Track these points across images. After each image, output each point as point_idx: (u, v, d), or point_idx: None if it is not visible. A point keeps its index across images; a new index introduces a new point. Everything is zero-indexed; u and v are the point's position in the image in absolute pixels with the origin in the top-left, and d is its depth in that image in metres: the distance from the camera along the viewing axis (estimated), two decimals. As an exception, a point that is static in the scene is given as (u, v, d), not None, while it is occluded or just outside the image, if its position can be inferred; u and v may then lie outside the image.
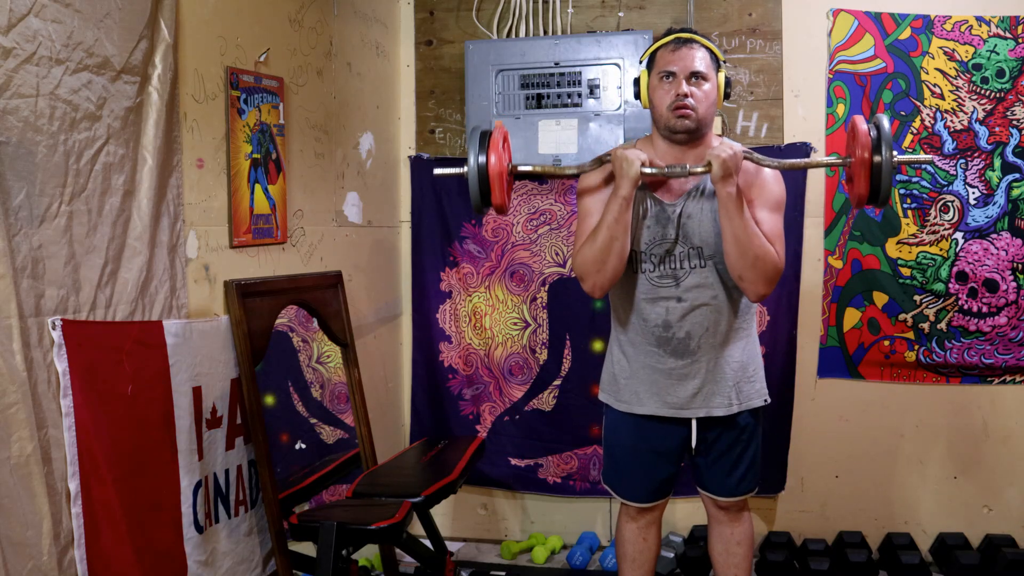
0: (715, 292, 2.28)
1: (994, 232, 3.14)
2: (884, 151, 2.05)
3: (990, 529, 3.24)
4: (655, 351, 2.32)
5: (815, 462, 3.34)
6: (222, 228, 2.43)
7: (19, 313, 1.73)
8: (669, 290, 2.28)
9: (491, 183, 2.19)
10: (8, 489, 1.71)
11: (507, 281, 3.49)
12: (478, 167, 2.19)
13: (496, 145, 2.20)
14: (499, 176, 2.19)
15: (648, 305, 2.30)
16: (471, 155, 2.19)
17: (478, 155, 2.19)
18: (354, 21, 3.21)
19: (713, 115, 2.29)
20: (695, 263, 2.27)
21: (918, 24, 3.14)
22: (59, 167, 1.84)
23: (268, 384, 2.63)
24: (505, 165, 2.24)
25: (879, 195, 2.09)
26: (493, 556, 3.49)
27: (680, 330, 2.29)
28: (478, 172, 2.19)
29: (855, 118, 2.16)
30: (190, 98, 2.28)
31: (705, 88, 2.22)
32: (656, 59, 2.27)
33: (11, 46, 1.71)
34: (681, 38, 2.25)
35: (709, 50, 2.26)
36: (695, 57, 2.22)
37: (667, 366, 2.31)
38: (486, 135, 2.22)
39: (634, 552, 2.49)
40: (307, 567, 2.52)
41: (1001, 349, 3.17)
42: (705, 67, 2.22)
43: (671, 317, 2.29)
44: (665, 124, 2.25)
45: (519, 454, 3.52)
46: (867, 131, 2.09)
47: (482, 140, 2.21)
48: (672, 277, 2.28)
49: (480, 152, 2.20)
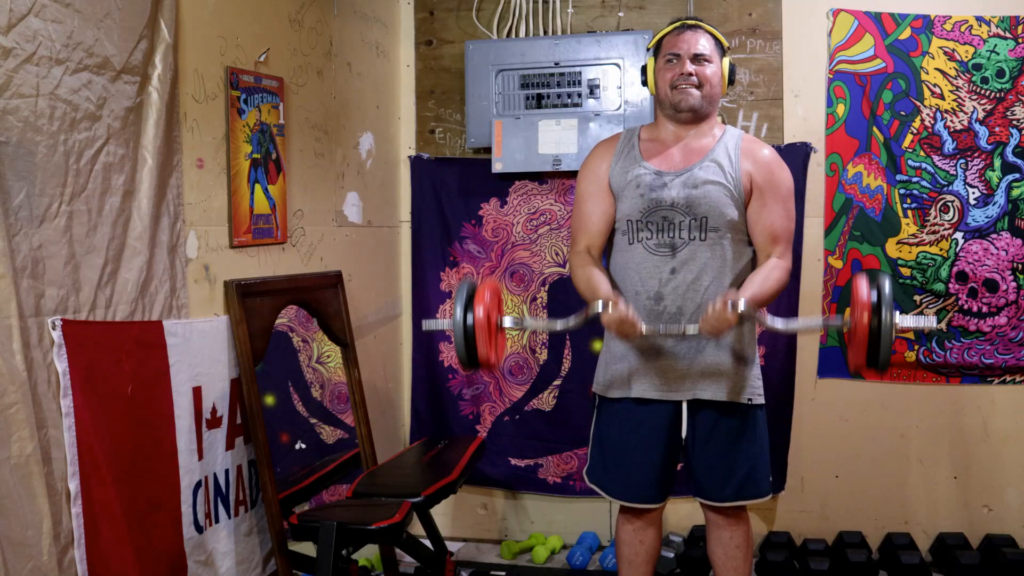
0: (711, 269, 2.28)
1: (994, 232, 3.14)
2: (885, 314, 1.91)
3: (990, 529, 3.24)
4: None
5: (815, 462, 3.34)
6: (222, 228, 2.43)
7: (19, 313, 1.73)
8: (665, 260, 2.28)
9: (477, 341, 2.07)
10: (8, 489, 1.71)
11: (507, 281, 3.49)
12: (464, 325, 2.06)
13: (482, 299, 2.08)
14: (485, 332, 2.08)
15: (642, 274, 2.30)
16: (457, 309, 2.07)
17: (464, 311, 2.06)
18: (354, 21, 3.21)
19: (718, 97, 2.35)
20: (695, 235, 2.27)
21: (918, 24, 3.14)
22: (59, 167, 1.84)
23: (268, 384, 2.63)
24: (493, 320, 2.12)
25: (878, 361, 1.96)
26: (493, 556, 3.49)
27: (672, 304, 2.28)
28: (464, 331, 2.06)
29: (857, 279, 2.01)
30: (190, 98, 2.28)
31: (709, 69, 2.30)
32: (662, 44, 2.37)
33: (11, 46, 1.71)
34: (686, 24, 2.35)
35: (714, 36, 2.34)
36: (699, 40, 2.31)
37: (657, 344, 2.30)
38: (472, 289, 2.11)
39: (631, 554, 2.47)
40: (307, 567, 2.52)
41: (1001, 349, 3.17)
42: (709, 51, 2.31)
43: (664, 289, 2.28)
44: (669, 102, 2.33)
45: (519, 454, 3.52)
46: (867, 294, 1.96)
47: (468, 295, 2.10)
48: (669, 247, 2.29)
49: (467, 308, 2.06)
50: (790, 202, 2.35)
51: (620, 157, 2.39)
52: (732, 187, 2.29)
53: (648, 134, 2.41)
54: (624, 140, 2.43)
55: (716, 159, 2.31)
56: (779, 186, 2.33)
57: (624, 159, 2.38)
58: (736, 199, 2.30)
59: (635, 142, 2.40)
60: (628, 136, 2.44)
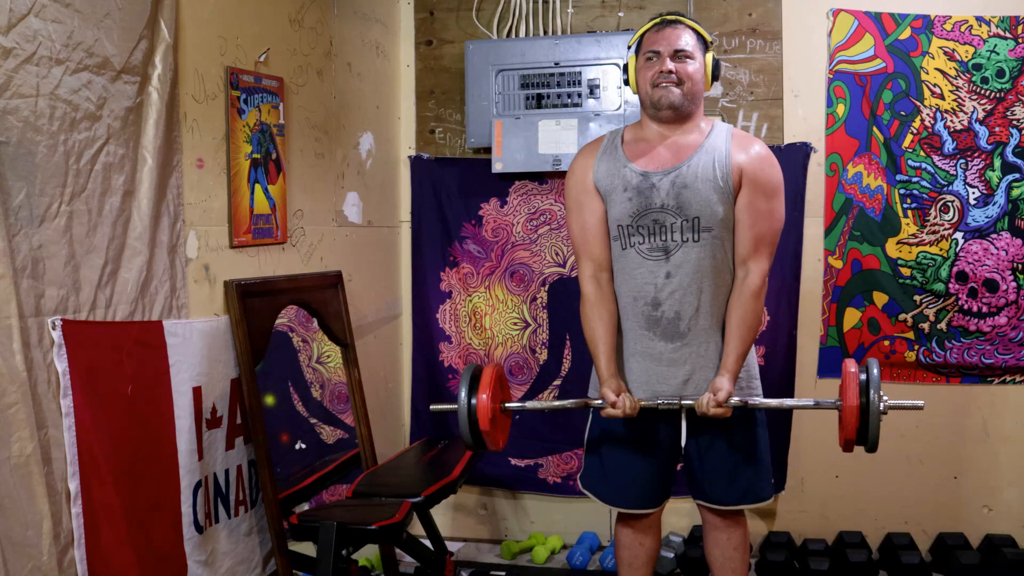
0: (706, 271, 2.24)
1: (994, 232, 3.14)
2: (873, 396, 2.05)
3: (990, 529, 3.24)
4: (645, 334, 2.28)
5: (815, 462, 3.34)
6: (222, 228, 2.43)
7: (19, 313, 1.73)
8: (659, 264, 2.24)
9: (480, 424, 2.12)
10: (8, 489, 1.71)
11: (507, 281, 3.49)
12: (468, 409, 2.12)
13: (487, 385, 2.13)
14: (487, 416, 2.13)
15: (638, 280, 2.27)
16: (461, 393, 2.13)
17: (469, 396, 2.12)
18: (354, 21, 3.21)
19: (700, 93, 2.29)
20: (688, 236, 2.22)
21: (918, 24, 3.14)
22: (59, 167, 1.84)
23: (268, 384, 2.63)
24: (496, 405, 2.17)
25: (867, 440, 2.11)
26: (493, 556, 3.49)
27: (669, 309, 2.25)
28: (468, 415, 2.12)
29: (846, 363, 2.15)
30: (190, 98, 2.28)
31: (691, 66, 2.24)
32: (642, 42, 2.31)
33: (11, 46, 1.71)
34: (666, 19, 2.29)
35: (696, 32, 2.28)
36: (679, 36, 2.25)
37: (656, 351, 2.27)
38: (478, 373, 2.17)
39: (630, 557, 2.46)
40: (307, 567, 2.52)
41: (1001, 349, 3.17)
42: (691, 47, 2.25)
43: (660, 294, 2.25)
44: (650, 101, 2.27)
45: (519, 454, 3.52)
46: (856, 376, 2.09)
47: (473, 379, 2.14)
48: (662, 250, 2.24)
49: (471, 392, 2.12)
50: (777, 201, 2.27)
51: (604, 158, 2.33)
52: (722, 184, 2.22)
53: (632, 134, 2.34)
54: (607, 142, 2.36)
55: (704, 156, 2.24)
56: (767, 183, 2.24)
57: (608, 160, 2.32)
58: (727, 196, 2.23)
59: (618, 143, 2.33)
60: (611, 137, 2.37)
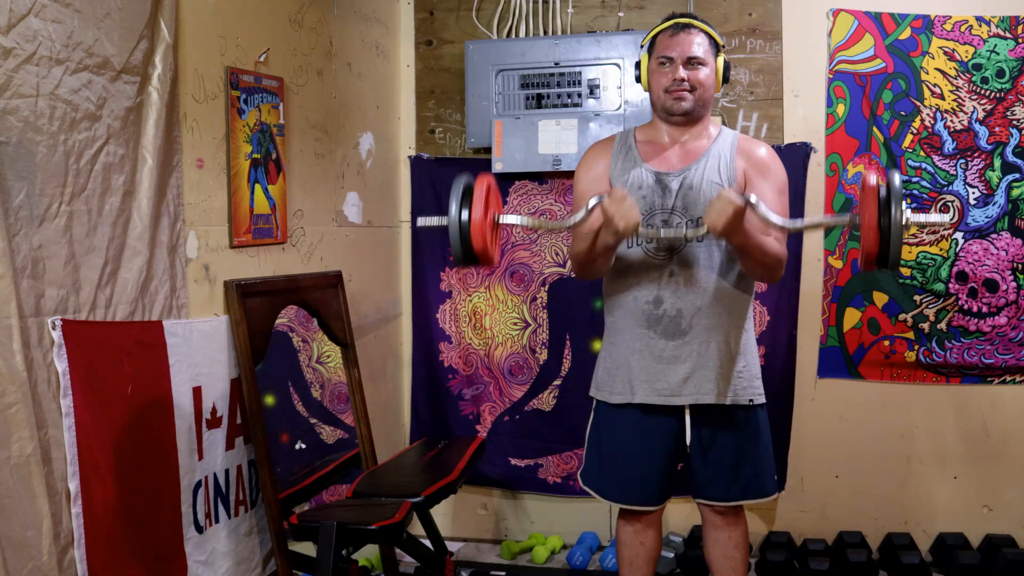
0: (711, 270, 2.27)
1: (994, 232, 3.14)
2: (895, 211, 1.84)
3: (990, 529, 3.24)
4: (645, 333, 2.29)
5: (815, 462, 3.34)
6: (222, 228, 2.43)
7: (19, 313, 1.73)
8: (663, 262, 2.27)
9: (472, 235, 2.07)
10: (8, 489, 1.71)
11: (507, 281, 3.49)
12: (459, 220, 2.07)
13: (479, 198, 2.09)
14: (481, 229, 2.08)
15: (640, 277, 2.29)
16: (452, 207, 2.08)
17: (460, 208, 2.07)
18: (354, 21, 3.21)
19: (711, 98, 2.34)
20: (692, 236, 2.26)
21: (918, 24, 3.14)
22: (59, 167, 1.84)
23: (268, 384, 2.63)
24: (490, 217, 2.13)
25: (888, 259, 1.90)
26: (493, 556, 3.49)
27: (672, 307, 2.27)
28: (459, 226, 2.07)
29: (865, 173, 1.94)
30: (190, 98, 2.28)
31: (702, 73, 2.28)
32: (656, 44, 2.34)
33: (11, 46, 1.71)
34: (680, 23, 2.31)
35: (708, 35, 2.31)
36: (692, 42, 2.27)
37: (657, 348, 2.28)
38: (469, 187, 2.12)
39: (631, 556, 2.46)
40: (307, 567, 2.52)
41: (1001, 349, 3.17)
42: (703, 52, 2.28)
43: (663, 292, 2.27)
44: (662, 106, 2.32)
45: (519, 454, 3.52)
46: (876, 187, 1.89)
47: (464, 192, 2.10)
48: (667, 249, 2.27)
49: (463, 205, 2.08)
50: (784, 197, 2.32)
51: (619, 158, 2.38)
52: (727, 186, 2.26)
53: (644, 135, 2.39)
54: (620, 141, 2.41)
55: (712, 159, 2.30)
56: (774, 178, 2.30)
57: (623, 160, 2.37)
58: None
59: (632, 143, 2.38)
60: (624, 138, 2.42)
